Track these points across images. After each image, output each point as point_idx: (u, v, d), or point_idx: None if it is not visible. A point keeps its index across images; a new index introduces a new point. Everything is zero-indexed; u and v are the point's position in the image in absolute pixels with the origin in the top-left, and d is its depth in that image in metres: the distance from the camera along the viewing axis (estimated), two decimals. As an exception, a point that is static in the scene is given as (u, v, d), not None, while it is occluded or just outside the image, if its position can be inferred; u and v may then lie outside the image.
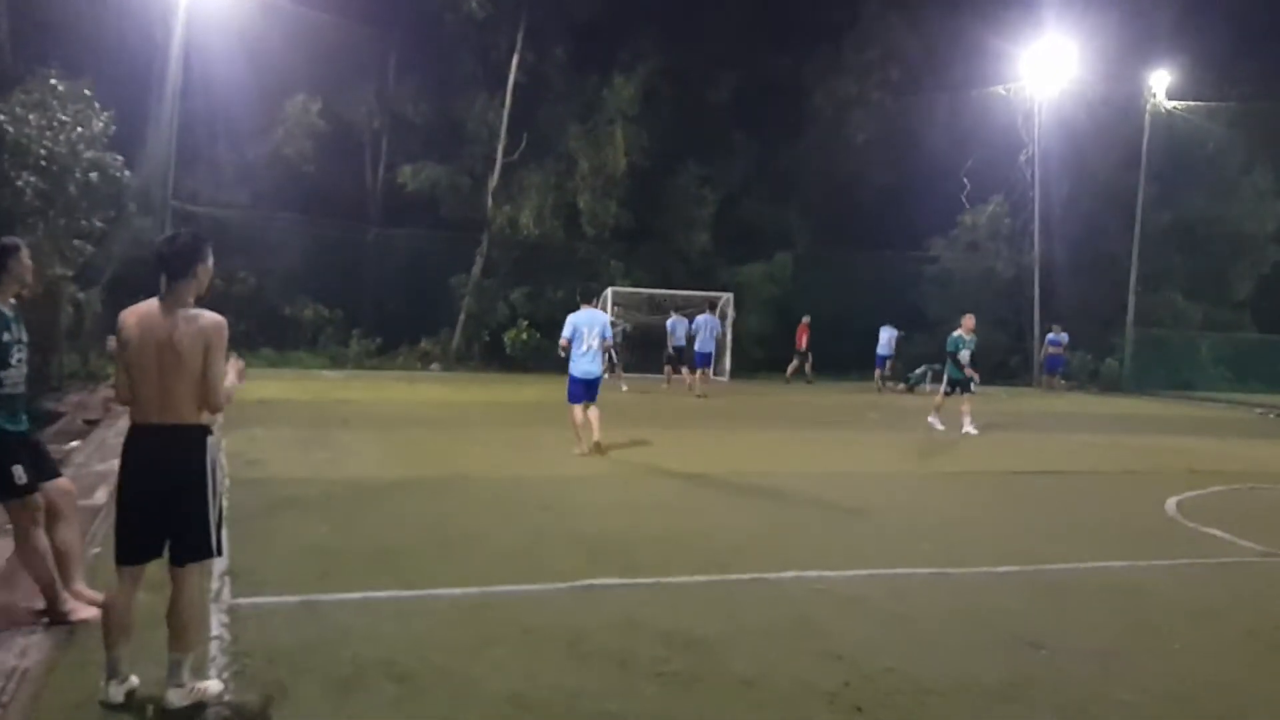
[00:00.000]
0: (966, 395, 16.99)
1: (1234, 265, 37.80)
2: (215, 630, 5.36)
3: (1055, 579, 7.01)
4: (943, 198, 34.43)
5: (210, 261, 4.90)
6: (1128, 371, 34.23)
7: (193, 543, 4.50)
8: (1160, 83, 34.63)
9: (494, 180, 30.64)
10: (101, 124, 18.62)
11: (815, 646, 5.41)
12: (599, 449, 12.19)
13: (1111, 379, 33.88)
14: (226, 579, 6.26)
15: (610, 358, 24.51)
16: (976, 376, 17.41)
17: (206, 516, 4.52)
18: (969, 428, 16.58)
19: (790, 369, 29.28)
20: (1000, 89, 34.22)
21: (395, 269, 29.85)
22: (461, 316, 30.24)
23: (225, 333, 4.67)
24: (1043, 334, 34.15)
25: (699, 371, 23.49)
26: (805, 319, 29.25)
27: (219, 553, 4.69)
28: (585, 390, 12.44)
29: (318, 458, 11.03)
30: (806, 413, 19.90)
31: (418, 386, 19.90)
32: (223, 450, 4.76)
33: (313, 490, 9.19)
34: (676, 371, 24.72)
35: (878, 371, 28.76)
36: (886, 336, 28.85)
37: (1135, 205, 35.21)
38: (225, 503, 4.72)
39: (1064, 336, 31.45)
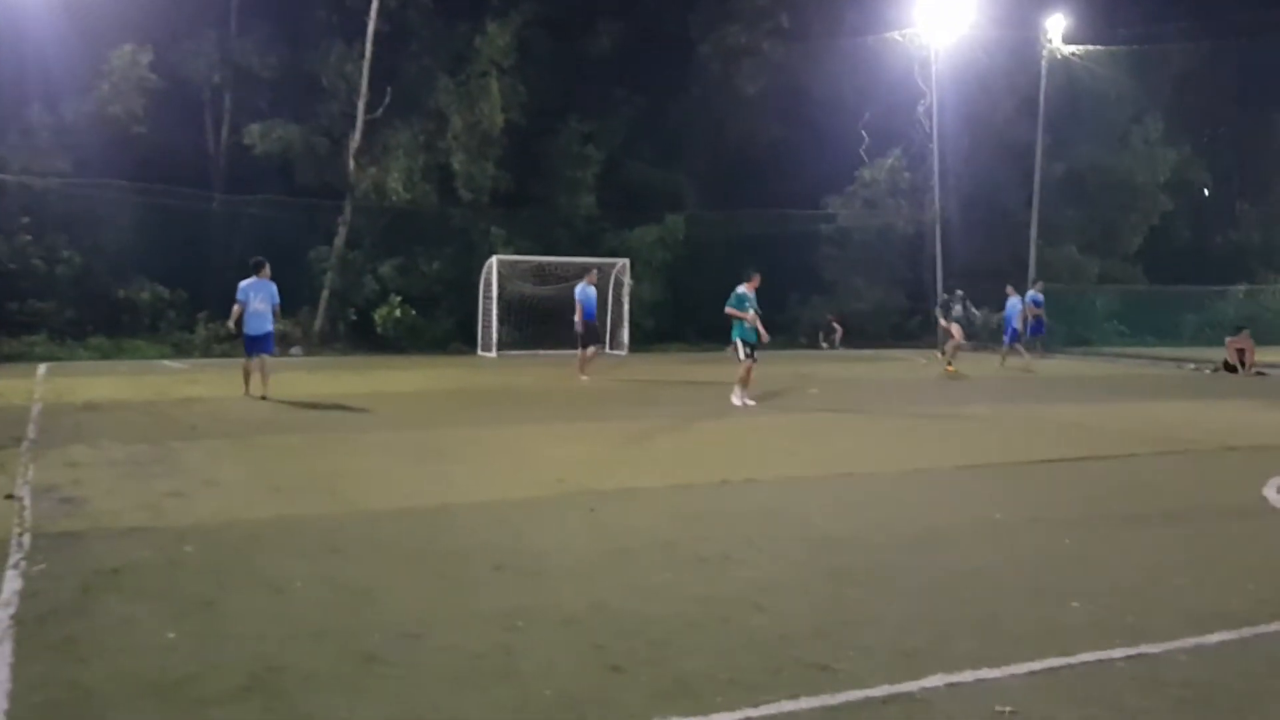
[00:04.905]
0: None
1: (1126, 217, 37.20)
2: None
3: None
4: (839, 153, 32.58)
5: None
6: (1032, 330, 33.03)
7: None
8: (1056, 26, 33.34)
9: (355, 140, 27.41)
10: None
11: None
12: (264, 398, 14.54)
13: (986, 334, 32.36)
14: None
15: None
16: None
17: None
18: None
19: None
20: (896, 35, 32.32)
21: (245, 242, 25.90)
22: (324, 294, 27.01)
23: None
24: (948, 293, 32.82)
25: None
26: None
27: None
28: (256, 345, 14.96)
29: (158, 491, 8.03)
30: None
31: (278, 377, 16.75)
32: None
33: (151, 551, 6.28)
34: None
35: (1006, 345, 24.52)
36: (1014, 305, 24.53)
37: (1031, 156, 34.06)
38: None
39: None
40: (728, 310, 14.61)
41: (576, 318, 19.42)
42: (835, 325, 31.76)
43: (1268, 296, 37.88)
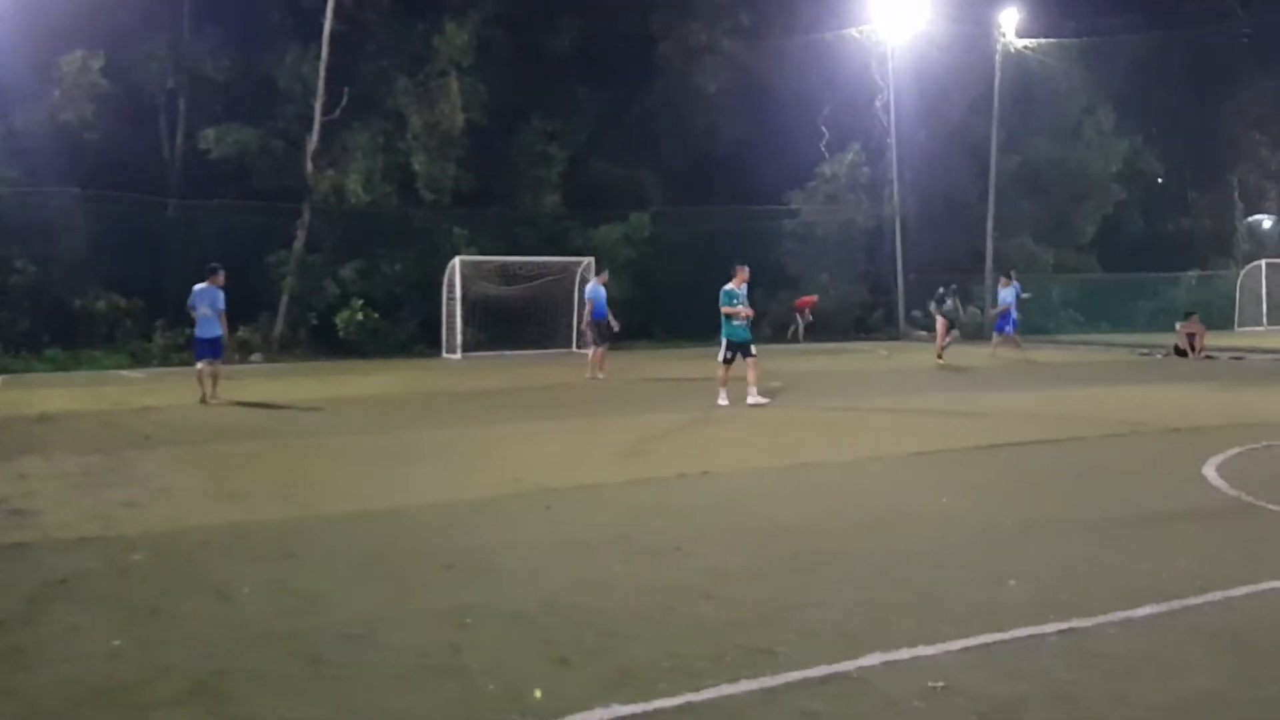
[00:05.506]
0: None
1: (1080, 207, 37.70)
2: None
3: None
4: (799, 148, 32.81)
5: None
6: (989, 319, 33.43)
7: None
8: (1009, 20, 33.75)
9: (313, 143, 27.19)
10: None
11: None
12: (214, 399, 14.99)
13: (974, 328, 32.82)
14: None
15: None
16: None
17: None
18: None
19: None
20: (853, 32, 32.63)
21: (202, 248, 25.48)
22: (284, 299, 26.81)
23: None
24: (909, 287, 33.26)
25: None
26: None
27: None
28: (204, 349, 15.28)
29: (111, 500, 8.00)
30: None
31: (237, 384, 16.70)
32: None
33: (101, 561, 6.26)
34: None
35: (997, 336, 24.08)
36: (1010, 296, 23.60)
37: (986, 150, 34.47)
38: None
39: None
40: (723, 310, 14.13)
41: (585, 315, 19.44)
42: (798, 315, 31.69)
43: (1218, 282, 38.58)
